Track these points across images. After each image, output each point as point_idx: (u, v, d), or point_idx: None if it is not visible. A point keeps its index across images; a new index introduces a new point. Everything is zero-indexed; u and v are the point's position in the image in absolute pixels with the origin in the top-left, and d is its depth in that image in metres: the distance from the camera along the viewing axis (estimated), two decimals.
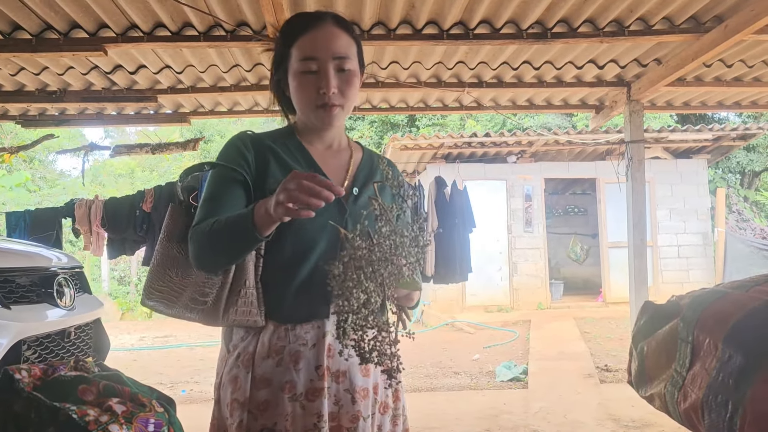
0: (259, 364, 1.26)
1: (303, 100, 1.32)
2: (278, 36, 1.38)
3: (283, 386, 1.24)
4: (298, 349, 1.27)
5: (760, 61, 4.82)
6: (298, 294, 1.28)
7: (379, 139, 17.07)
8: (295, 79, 1.32)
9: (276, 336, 1.27)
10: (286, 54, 1.34)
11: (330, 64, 1.29)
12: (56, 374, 1.05)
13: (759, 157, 15.33)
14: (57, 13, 3.67)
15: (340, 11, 3.74)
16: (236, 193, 1.28)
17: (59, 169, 20.89)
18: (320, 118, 1.32)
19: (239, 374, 1.26)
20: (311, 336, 1.28)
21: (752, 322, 0.91)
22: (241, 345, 1.29)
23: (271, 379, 1.25)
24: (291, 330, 1.28)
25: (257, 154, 1.32)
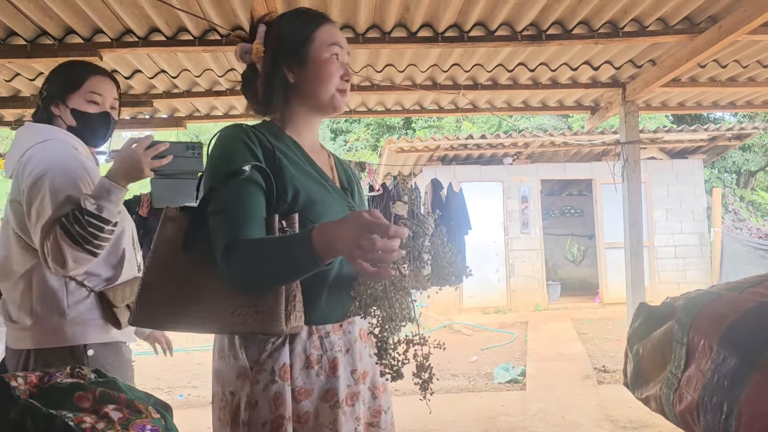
0: (297, 376, 1.22)
1: (328, 84, 1.35)
2: (290, 20, 1.38)
3: (325, 396, 1.24)
4: (335, 356, 1.27)
5: (754, 61, 4.84)
6: (330, 295, 1.29)
7: (375, 142, 17.09)
8: (320, 63, 1.35)
9: (311, 345, 1.25)
10: (307, 38, 1.35)
11: (346, 56, 1.40)
12: (52, 381, 1.05)
13: (755, 156, 15.39)
14: (52, 18, 3.67)
15: (335, 15, 3.75)
16: (259, 200, 1.22)
17: None
18: (339, 103, 1.38)
19: (281, 390, 1.20)
20: (344, 341, 1.30)
21: (747, 323, 0.91)
22: (271, 359, 1.21)
23: (312, 389, 1.23)
24: (325, 337, 1.27)
25: (264, 150, 1.27)
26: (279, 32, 1.36)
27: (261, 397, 1.19)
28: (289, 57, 1.35)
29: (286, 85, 1.35)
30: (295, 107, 1.38)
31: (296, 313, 1.18)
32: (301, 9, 1.45)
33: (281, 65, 1.35)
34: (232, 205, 1.19)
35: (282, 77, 1.35)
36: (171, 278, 1.20)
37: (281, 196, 1.23)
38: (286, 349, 1.22)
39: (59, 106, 1.85)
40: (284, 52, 1.35)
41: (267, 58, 1.35)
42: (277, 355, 1.21)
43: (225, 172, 1.20)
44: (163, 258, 1.22)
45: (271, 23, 1.38)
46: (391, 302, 1.16)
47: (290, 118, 1.38)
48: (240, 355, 1.22)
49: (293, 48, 1.35)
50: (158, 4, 3.43)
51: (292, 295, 1.18)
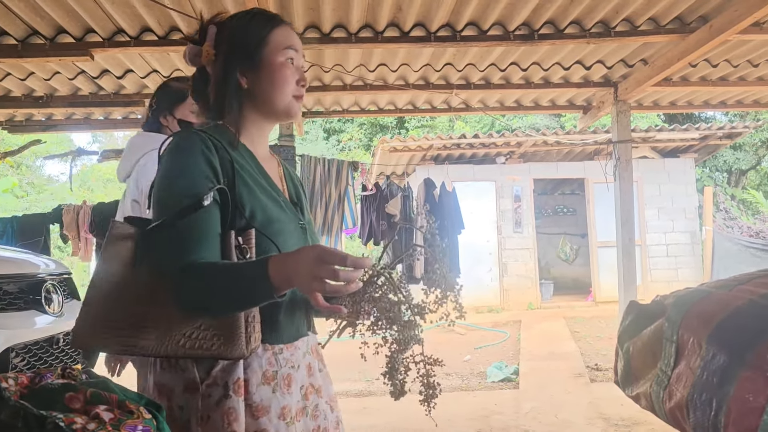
0: (255, 392, 1.19)
1: (284, 90, 1.30)
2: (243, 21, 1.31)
3: (280, 412, 1.22)
4: (289, 372, 1.26)
5: (744, 61, 4.88)
6: (285, 316, 1.27)
7: (369, 141, 17.09)
8: (275, 68, 1.29)
9: (266, 361, 1.22)
10: (261, 41, 1.29)
11: (302, 60, 1.34)
12: (43, 382, 1.05)
13: (745, 155, 15.48)
14: (43, 18, 3.65)
15: (327, 15, 3.75)
16: (214, 218, 1.15)
17: (47, 175, 20.75)
18: (294, 109, 1.32)
19: (235, 405, 1.15)
20: (296, 357, 1.28)
21: (735, 321, 0.92)
22: (224, 373, 1.16)
23: (269, 406, 1.20)
24: (279, 353, 1.24)
25: (222, 162, 1.20)
26: (231, 34, 1.29)
27: (213, 412, 1.14)
28: (241, 61, 1.28)
29: (239, 91, 1.28)
30: (249, 113, 1.32)
31: (255, 334, 1.14)
32: (255, 10, 1.37)
33: (234, 70, 1.27)
34: (186, 223, 1.12)
35: (235, 82, 1.27)
36: (122, 299, 1.12)
37: (238, 212, 1.18)
38: (241, 363, 1.17)
39: (167, 117, 2.14)
40: (237, 55, 1.28)
41: (218, 62, 1.28)
42: (231, 369, 1.17)
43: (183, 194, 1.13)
44: (112, 277, 1.14)
45: (223, 24, 1.30)
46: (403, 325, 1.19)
47: (243, 124, 1.31)
48: (189, 367, 1.16)
49: (246, 51, 1.29)
50: (150, 3, 3.42)
51: (252, 316, 1.13)
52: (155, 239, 1.13)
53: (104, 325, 1.12)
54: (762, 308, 0.91)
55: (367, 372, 6.17)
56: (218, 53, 1.27)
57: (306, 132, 15.58)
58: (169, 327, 1.11)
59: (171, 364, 1.18)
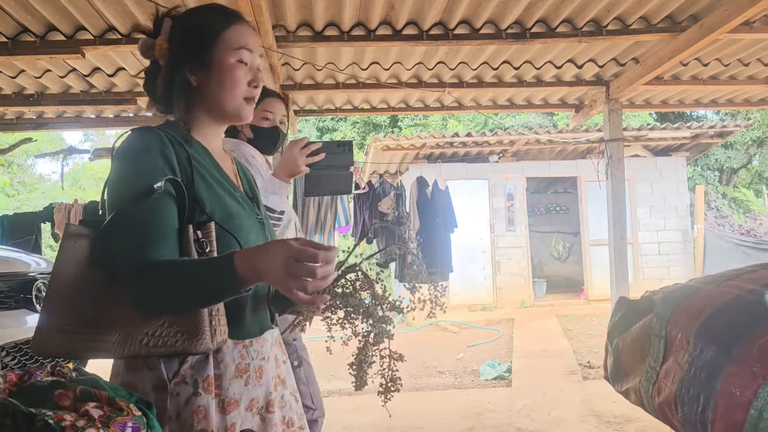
0: (228, 386, 1.18)
1: (234, 92, 1.26)
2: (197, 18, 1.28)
3: (250, 404, 1.23)
4: (261, 364, 1.27)
5: (735, 60, 4.90)
6: (251, 309, 1.27)
7: (362, 140, 17.07)
8: (225, 68, 1.25)
9: (238, 354, 1.22)
10: (213, 40, 1.25)
11: (257, 59, 1.30)
12: (32, 380, 1.04)
13: (736, 154, 15.57)
14: (33, 15, 3.63)
15: (320, 13, 3.75)
16: (171, 214, 1.13)
17: (38, 173, 20.63)
18: (245, 113, 1.30)
19: (204, 403, 1.14)
20: (266, 349, 1.29)
21: (723, 316, 0.93)
22: (193, 370, 1.15)
23: (240, 399, 1.20)
24: (249, 346, 1.25)
25: (178, 157, 1.18)
26: (184, 30, 1.26)
27: (182, 411, 1.13)
28: (191, 59, 1.24)
29: (187, 89, 1.25)
30: (198, 112, 1.29)
31: (220, 327, 1.13)
32: (212, 5, 1.32)
33: (182, 67, 1.24)
34: (142, 219, 1.10)
35: (183, 80, 1.24)
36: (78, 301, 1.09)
37: (198, 207, 1.16)
38: (210, 360, 1.16)
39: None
40: (186, 52, 1.24)
41: (168, 58, 1.24)
42: (201, 366, 1.15)
43: (137, 189, 1.10)
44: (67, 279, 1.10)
45: (178, 18, 1.27)
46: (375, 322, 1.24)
47: (194, 121, 1.29)
48: (157, 366, 1.14)
49: (196, 49, 1.25)
50: (141, 0, 3.40)
51: (216, 309, 1.12)
52: (111, 237, 1.11)
53: (62, 330, 1.10)
54: (749, 304, 0.91)
55: None
56: (170, 48, 1.24)
57: (299, 131, 15.55)
58: (131, 327, 1.09)
59: (138, 364, 1.16)
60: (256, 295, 1.28)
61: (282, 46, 4.03)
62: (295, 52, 4.31)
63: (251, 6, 3.16)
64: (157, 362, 1.14)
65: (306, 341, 2.99)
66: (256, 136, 2.30)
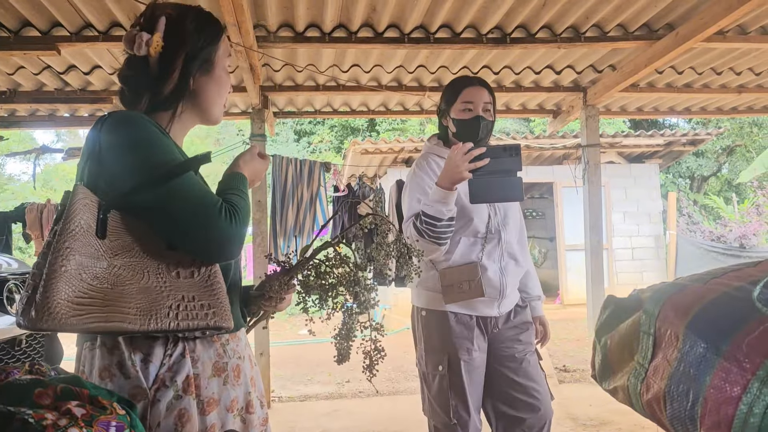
0: (207, 385, 1.17)
1: (224, 98, 1.39)
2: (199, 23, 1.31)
3: (230, 405, 1.21)
4: (238, 362, 1.26)
5: (708, 69, 5.00)
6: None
7: (339, 144, 17.05)
8: (222, 76, 1.36)
9: (214, 352, 1.21)
10: (215, 48, 1.33)
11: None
12: (9, 378, 1.01)
13: (707, 162, 15.91)
14: (7, 10, 3.55)
15: (301, 13, 3.73)
16: None
17: (7, 174, 20.19)
18: (220, 116, 1.41)
19: (186, 405, 1.12)
20: (241, 348, 1.29)
21: (711, 312, 0.94)
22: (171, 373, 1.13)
23: (219, 399, 1.19)
24: (226, 344, 1.24)
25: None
26: (189, 34, 1.28)
27: (165, 419, 1.11)
28: (200, 65, 1.30)
29: (185, 89, 1.29)
30: (183, 113, 1.32)
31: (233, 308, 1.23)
32: (203, 12, 1.35)
33: (190, 73, 1.28)
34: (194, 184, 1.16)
35: (185, 83, 1.28)
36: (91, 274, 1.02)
37: None
38: (188, 359, 1.14)
39: (447, 117, 2.32)
40: (195, 58, 1.29)
41: (170, 59, 1.25)
42: (178, 367, 1.13)
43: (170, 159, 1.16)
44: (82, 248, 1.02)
45: (173, 19, 1.28)
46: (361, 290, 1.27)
47: (172, 121, 1.31)
48: (133, 374, 1.11)
49: (205, 57, 1.30)
50: None
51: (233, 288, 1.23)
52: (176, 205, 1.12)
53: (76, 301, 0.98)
54: (737, 300, 0.93)
55: (337, 374, 6.14)
56: (168, 48, 1.25)
57: (276, 133, 15.47)
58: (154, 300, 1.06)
59: (110, 374, 1.12)
60: (231, 290, 1.27)
61: (262, 47, 4.00)
62: (276, 52, 4.29)
63: (233, 5, 3.13)
64: (133, 370, 1.11)
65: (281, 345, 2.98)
66: (458, 128, 2.26)
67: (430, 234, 2.04)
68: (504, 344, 2.28)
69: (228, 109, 5.73)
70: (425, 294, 2.28)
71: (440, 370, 2.19)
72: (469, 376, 2.18)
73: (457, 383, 2.17)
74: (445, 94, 2.35)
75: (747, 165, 13.79)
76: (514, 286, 2.31)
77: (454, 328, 2.19)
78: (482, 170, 1.89)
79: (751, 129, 15.47)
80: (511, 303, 2.32)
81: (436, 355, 2.22)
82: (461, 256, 2.18)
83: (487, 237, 2.22)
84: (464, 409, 2.16)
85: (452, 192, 1.99)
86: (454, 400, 2.16)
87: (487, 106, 2.25)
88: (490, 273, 2.19)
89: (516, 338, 2.30)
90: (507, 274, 2.24)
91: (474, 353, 2.20)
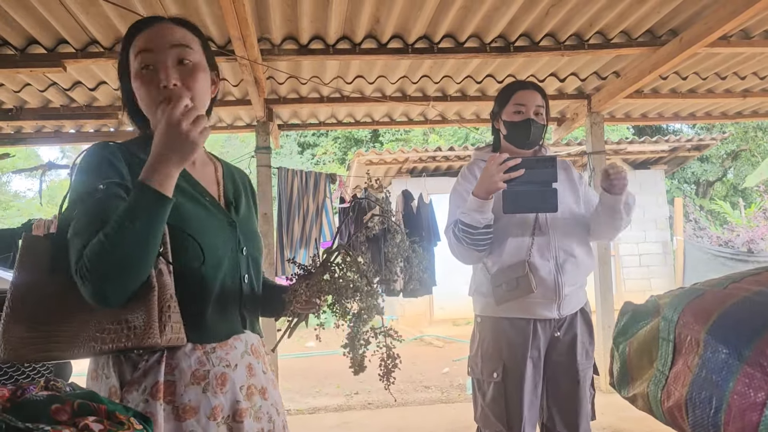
0: (183, 392, 1.17)
1: (146, 100, 1.22)
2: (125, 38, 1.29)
3: (212, 412, 1.20)
4: (224, 371, 1.24)
5: (712, 74, 5.00)
6: (213, 314, 1.25)
7: (343, 155, 17.09)
8: (136, 79, 1.23)
9: (196, 360, 1.20)
10: (125, 59, 1.28)
11: (167, 55, 1.22)
12: (26, 395, 1.01)
13: (712, 167, 15.87)
14: (13, 28, 3.58)
15: (305, 26, 3.75)
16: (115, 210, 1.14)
17: (13, 191, 20.30)
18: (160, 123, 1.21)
19: (152, 410, 1.14)
20: (233, 356, 1.27)
21: (732, 317, 0.93)
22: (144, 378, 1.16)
23: (198, 406, 1.18)
24: (211, 352, 1.23)
25: (131, 168, 1.19)
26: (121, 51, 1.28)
27: None
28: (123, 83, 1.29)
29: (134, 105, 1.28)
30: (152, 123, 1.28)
31: (172, 324, 1.12)
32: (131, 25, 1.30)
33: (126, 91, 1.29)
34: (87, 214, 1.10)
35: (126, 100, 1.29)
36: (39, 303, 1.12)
37: None
38: (162, 366, 1.16)
39: (499, 120, 2.33)
40: (120, 78, 1.29)
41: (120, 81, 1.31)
42: (151, 372, 1.16)
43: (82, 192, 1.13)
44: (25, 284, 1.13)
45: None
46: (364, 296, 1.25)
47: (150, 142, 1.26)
48: (112, 375, 1.17)
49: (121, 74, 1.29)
50: (125, 13, 3.37)
51: (166, 306, 1.11)
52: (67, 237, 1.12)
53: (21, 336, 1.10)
54: (758, 305, 0.92)
55: (346, 386, 6.12)
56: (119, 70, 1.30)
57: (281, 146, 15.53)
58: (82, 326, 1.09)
59: (98, 373, 1.20)
60: (222, 296, 1.26)
61: (267, 60, 4.02)
62: (280, 65, 4.31)
63: (237, 19, 3.15)
64: (112, 371, 1.17)
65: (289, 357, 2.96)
66: (509, 131, 2.27)
67: (467, 241, 2.09)
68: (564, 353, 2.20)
69: (233, 122, 5.75)
70: (480, 300, 2.28)
71: (495, 377, 2.15)
72: (525, 385, 2.12)
73: (513, 392, 2.12)
74: (498, 97, 2.36)
75: (752, 169, 13.75)
76: (574, 285, 2.20)
77: (509, 334, 2.16)
78: (517, 180, 1.92)
79: (755, 133, 15.45)
80: (575, 305, 2.23)
81: (492, 362, 2.18)
82: (510, 256, 2.16)
83: (535, 234, 2.17)
84: (518, 418, 2.11)
85: (488, 201, 2.01)
86: (509, 408, 2.12)
87: (539, 110, 2.25)
88: (542, 272, 2.13)
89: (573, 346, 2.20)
90: (563, 272, 2.16)
91: (530, 361, 2.14)
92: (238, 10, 3.04)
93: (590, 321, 2.29)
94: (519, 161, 1.93)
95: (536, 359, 2.16)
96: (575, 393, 2.18)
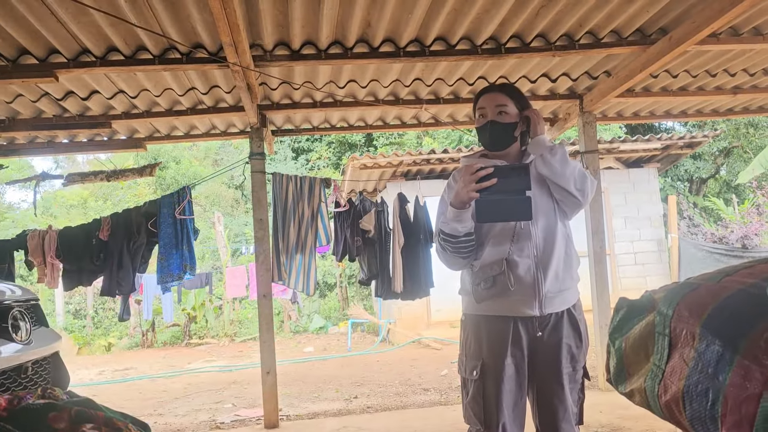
0: None
1: None
2: None
3: None
4: None
5: (703, 71, 5.03)
6: None
7: (338, 160, 17.09)
8: None
9: None
10: None
11: None
12: (23, 403, 1.00)
13: (705, 164, 15.93)
14: (4, 39, 3.57)
15: (297, 31, 3.76)
16: None
17: (7, 202, 20.20)
18: None
19: None
20: None
21: (727, 310, 0.93)
22: None
23: None
24: None
25: None
26: None
27: None
28: None
29: None
30: None
31: None
32: None
33: None
34: None
35: None
36: None
37: None
38: None
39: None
40: None
41: None
42: None
43: None
44: None
45: None
46: None
47: None
48: None
49: None
50: (116, 22, 3.37)
51: None
52: None
53: None
54: (752, 296, 0.92)
55: (345, 391, 6.10)
56: None
57: (275, 151, 15.52)
58: None
59: None
60: None
61: (259, 66, 4.02)
62: (273, 71, 4.31)
63: (229, 26, 3.15)
64: None
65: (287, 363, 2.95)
66: (478, 137, 2.31)
67: (450, 249, 2.12)
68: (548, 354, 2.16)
69: (226, 129, 5.75)
70: (465, 299, 2.30)
71: (474, 375, 2.14)
72: (504, 384, 2.11)
73: (490, 390, 2.11)
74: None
75: (745, 166, 13.82)
76: (556, 282, 2.16)
77: (488, 332, 2.15)
78: (490, 189, 1.93)
79: (747, 130, 15.53)
80: (559, 304, 2.18)
81: (473, 360, 2.18)
82: (490, 255, 2.16)
83: (515, 234, 2.16)
84: (494, 417, 2.10)
85: (465, 210, 2.02)
86: (486, 407, 2.10)
87: (501, 108, 2.22)
88: (521, 269, 2.11)
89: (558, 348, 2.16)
90: (543, 269, 2.13)
91: (511, 360, 2.12)
92: (229, 17, 3.05)
93: (577, 323, 2.22)
94: (491, 170, 1.94)
95: (519, 359, 2.13)
96: (559, 395, 2.16)
